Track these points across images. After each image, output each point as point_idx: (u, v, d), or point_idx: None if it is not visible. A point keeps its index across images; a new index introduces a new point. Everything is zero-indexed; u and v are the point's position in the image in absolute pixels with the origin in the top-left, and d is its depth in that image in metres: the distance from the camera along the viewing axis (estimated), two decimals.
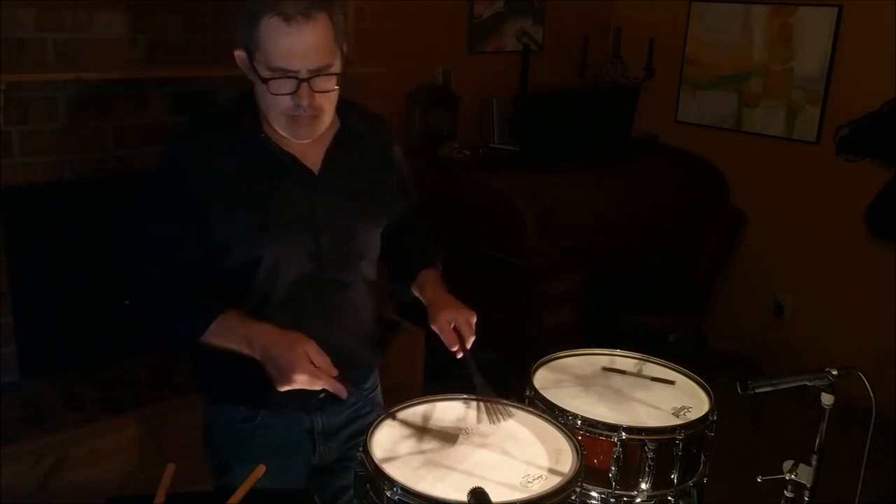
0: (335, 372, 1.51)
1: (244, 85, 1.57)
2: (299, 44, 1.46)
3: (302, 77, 1.48)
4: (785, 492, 1.76)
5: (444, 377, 3.31)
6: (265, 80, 1.49)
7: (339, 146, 1.65)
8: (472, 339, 1.70)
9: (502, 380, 1.76)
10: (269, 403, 1.69)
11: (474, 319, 1.71)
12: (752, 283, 4.28)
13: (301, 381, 1.48)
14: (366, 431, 1.52)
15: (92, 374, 2.99)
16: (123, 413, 2.76)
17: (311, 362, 1.49)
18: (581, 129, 4.07)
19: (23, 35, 2.69)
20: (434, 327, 1.71)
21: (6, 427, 2.60)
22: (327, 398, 1.69)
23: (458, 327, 1.68)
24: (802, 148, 4.06)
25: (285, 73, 1.48)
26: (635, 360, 1.94)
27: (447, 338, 1.68)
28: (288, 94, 1.49)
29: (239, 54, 1.54)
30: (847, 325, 3.96)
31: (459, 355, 1.69)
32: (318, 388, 1.50)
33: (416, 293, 1.80)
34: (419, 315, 1.83)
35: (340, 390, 1.51)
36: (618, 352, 1.96)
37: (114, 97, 2.93)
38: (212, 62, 3.10)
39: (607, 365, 1.92)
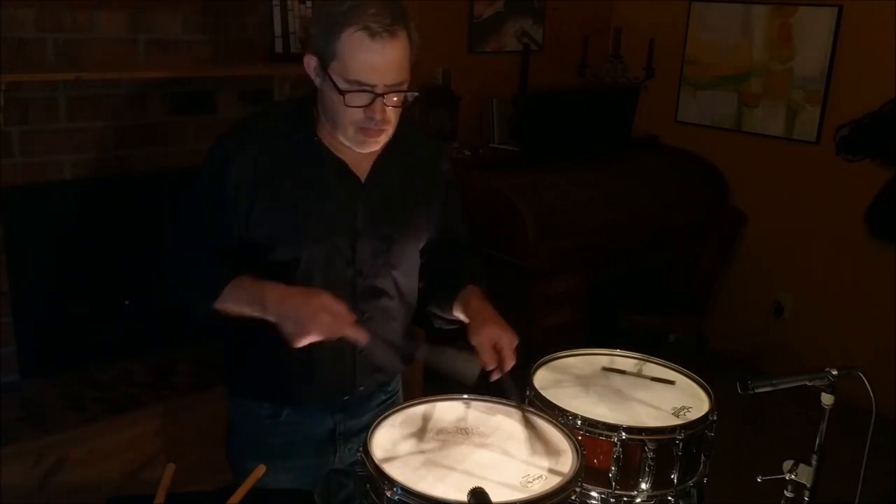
0: (353, 318, 1.51)
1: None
2: (381, 60, 1.46)
3: (378, 92, 1.48)
4: (785, 492, 1.76)
5: (444, 377, 3.31)
6: (342, 92, 1.48)
7: (388, 158, 1.65)
8: (513, 363, 1.64)
9: (502, 380, 1.76)
10: (293, 402, 1.71)
11: (516, 343, 1.65)
12: (752, 283, 4.28)
13: (319, 331, 1.48)
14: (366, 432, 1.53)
15: (92, 374, 2.99)
16: (123, 413, 2.76)
17: (329, 311, 1.49)
18: (581, 129, 4.07)
19: (23, 35, 2.69)
20: (474, 342, 1.64)
21: (6, 427, 2.60)
22: (351, 399, 1.72)
23: (499, 348, 1.63)
24: (802, 148, 4.06)
25: (362, 87, 1.48)
26: (635, 360, 1.94)
27: (486, 356, 1.62)
28: (362, 106, 1.49)
29: (310, 60, 1.53)
30: (847, 325, 3.96)
31: (495, 377, 1.64)
32: (336, 336, 1.50)
33: (458, 312, 1.74)
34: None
35: (361, 336, 1.52)
36: (618, 352, 1.96)
37: (114, 97, 2.93)
38: (212, 62, 3.10)
39: (607, 365, 1.92)
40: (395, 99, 1.52)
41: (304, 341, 1.49)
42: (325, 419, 1.75)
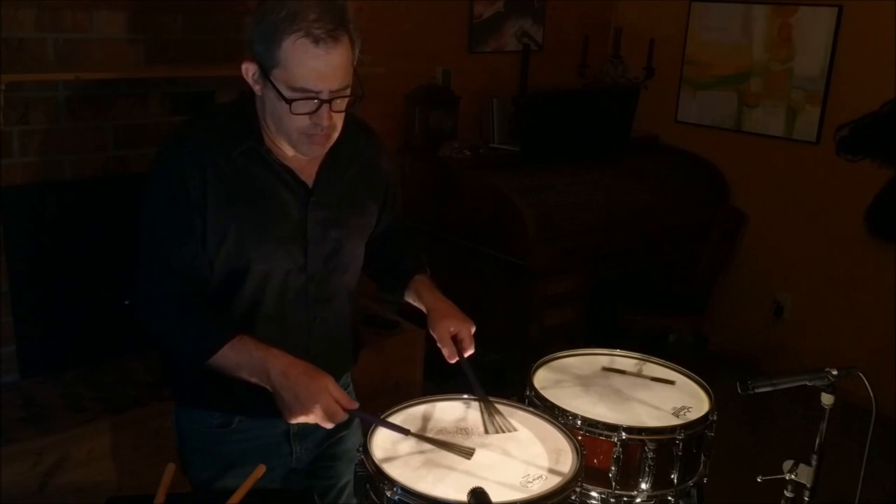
0: (354, 404, 1.49)
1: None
2: (326, 66, 1.44)
3: (323, 98, 1.46)
4: (785, 492, 1.76)
5: (444, 377, 3.31)
6: (288, 101, 1.45)
7: (333, 160, 1.64)
8: (472, 351, 1.70)
9: (502, 380, 1.76)
10: (244, 410, 1.68)
11: (474, 329, 1.71)
12: (752, 283, 4.28)
13: (317, 415, 1.44)
14: (366, 433, 1.53)
15: (92, 374, 2.99)
16: (123, 413, 2.76)
17: (332, 396, 1.45)
18: (581, 129, 4.07)
19: (23, 35, 2.69)
20: (434, 334, 1.71)
21: (6, 427, 2.60)
22: None
23: (458, 338, 1.69)
24: (802, 148, 4.06)
25: (307, 94, 1.45)
26: (635, 360, 1.94)
27: (447, 349, 1.68)
28: (308, 113, 1.47)
29: (249, 67, 1.49)
30: (847, 325, 3.96)
31: (453, 360, 1.69)
32: (331, 425, 1.47)
33: (413, 300, 1.80)
34: (418, 315, 1.83)
35: (328, 424, 1.47)
36: (618, 352, 1.96)
37: (114, 97, 2.93)
38: (212, 62, 3.10)
39: (607, 365, 1.92)
40: (341, 104, 1.50)
41: (300, 419, 1.45)
42: (278, 422, 1.67)
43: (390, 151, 2.09)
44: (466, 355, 1.69)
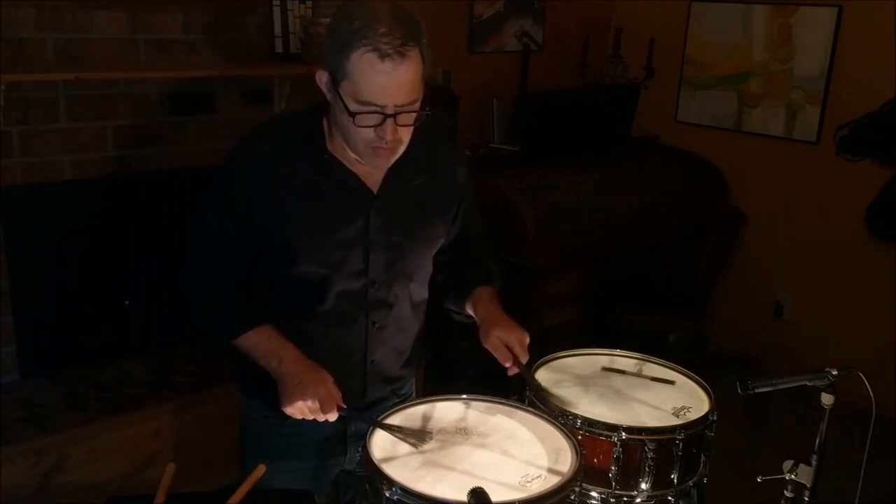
0: (337, 409, 1.55)
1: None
2: (392, 82, 1.44)
3: (388, 112, 1.46)
4: (785, 492, 1.76)
5: (444, 377, 3.31)
6: (352, 114, 1.46)
7: (401, 167, 1.62)
8: (527, 358, 1.70)
9: (503, 380, 1.76)
10: None
11: (527, 340, 1.71)
12: (752, 283, 4.28)
13: (312, 400, 1.52)
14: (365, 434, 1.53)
15: (92, 374, 2.99)
16: (123, 413, 2.76)
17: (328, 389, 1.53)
18: (581, 129, 4.07)
19: (23, 35, 2.69)
20: (486, 345, 1.70)
21: (6, 427, 2.60)
22: (361, 405, 1.72)
23: (510, 346, 1.68)
24: (802, 148, 4.06)
25: (372, 108, 1.46)
26: (635, 360, 1.94)
27: (500, 354, 1.68)
28: (372, 126, 1.48)
29: (321, 75, 1.51)
30: (847, 325, 3.96)
31: (513, 371, 1.69)
32: (322, 417, 1.54)
33: (470, 310, 1.78)
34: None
35: (332, 417, 1.55)
36: (618, 352, 1.96)
37: (114, 97, 2.93)
38: (212, 62, 3.11)
39: (607, 365, 1.92)
40: (407, 118, 1.49)
41: (292, 408, 1.53)
42: (336, 422, 1.73)
43: None
44: (522, 361, 1.70)
